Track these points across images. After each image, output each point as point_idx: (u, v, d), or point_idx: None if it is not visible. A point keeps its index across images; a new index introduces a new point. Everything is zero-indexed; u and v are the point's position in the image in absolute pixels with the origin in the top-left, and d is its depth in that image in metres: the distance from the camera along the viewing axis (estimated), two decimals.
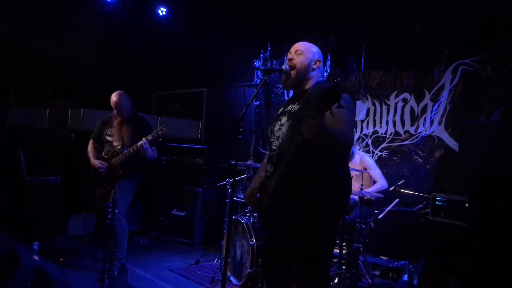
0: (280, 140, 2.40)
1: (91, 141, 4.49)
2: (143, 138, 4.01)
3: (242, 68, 6.29)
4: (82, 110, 6.05)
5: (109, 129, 4.36)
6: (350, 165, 4.41)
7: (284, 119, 2.46)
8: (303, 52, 2.51)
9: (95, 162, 4.29)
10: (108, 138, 4.34)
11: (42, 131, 6.23)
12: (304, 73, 2.46)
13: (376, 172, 4.34)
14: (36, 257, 3.17)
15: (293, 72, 2.46)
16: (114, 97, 4.28)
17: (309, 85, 2.48)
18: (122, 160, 4.14)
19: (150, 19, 6.78)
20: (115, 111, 4.29)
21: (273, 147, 2.45)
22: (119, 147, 4.20)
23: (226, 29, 6.20)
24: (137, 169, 4.31)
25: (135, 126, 4.26)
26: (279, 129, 2.45)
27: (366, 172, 4.21)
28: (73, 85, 6.99)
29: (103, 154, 4.38)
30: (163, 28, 6.78)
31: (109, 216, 3.52)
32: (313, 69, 2.50)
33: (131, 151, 4.08)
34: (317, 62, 2.51)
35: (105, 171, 4.24)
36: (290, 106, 2.48)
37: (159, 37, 6.97)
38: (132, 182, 4.31)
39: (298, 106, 2.40)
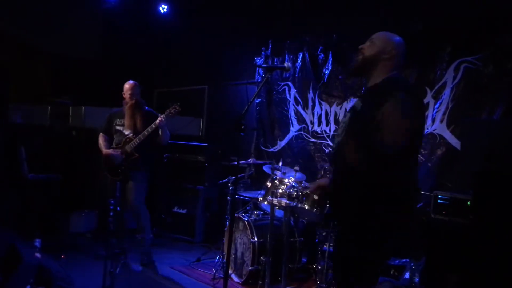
0: (339, 138, 2.29)
1: (100, 134, 4.60)
2: (160, 116, 4.21)
3: (243, 66, 6.28)
4: (83, 107, 6.06)
5: (118, 119, 4.50)
6: None
7: (348, 115, 2.33)
8: (374, 41, 2.34)
9: (108, 151, 4.40)
10: (118, 127, 4.47)
11: (44, 129, 6.24)
12: (370, 63, 2.30)
13: None
14: (37, 254, 3.18)
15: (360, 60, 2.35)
16: (127, 84, 4.49)
17: (379, 78, 2.28)
18: (138, 144, 4.28)
19: (151, 16, 6.77)
20: (127, 97, 4.45)
21: (333, 144, 2.37)
22: (130, 134, 4.33)
23: (227, 26, 6.19)
24: (150, 154, 4.49)
25: (143, 113, 4.44)
26: (342, 125, 2.31)
27: None
28: (74, 82, 6.99)
29: (114, 144, 4.49)
30: (164, 25, 6.77)
31: (111, 213, 3.52)
32: (383, 60, 2.29)
33: (146, 133, 4.23)
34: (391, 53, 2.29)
35: (119, 158, 4.34)
36: (358, 100, 2.35)
37: (160, 34, 6.97)
38: (146, 172, 4.49)
39: (361, 103, 2.27)
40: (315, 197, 3.78)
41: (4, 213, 5.00)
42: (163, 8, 6.68)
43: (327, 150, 5.31)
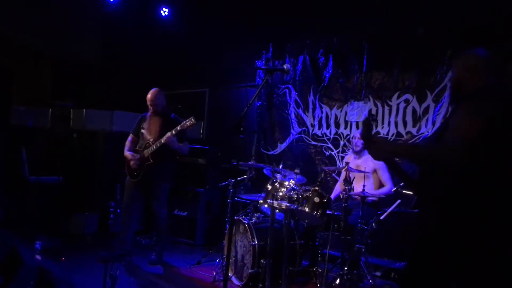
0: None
1: (130, 135, 4.81)
2: (169, 132, 4.37)
3: (244, 69, 6.30)
4: (84, 110, 6.08)
5: (144, 123, 4.70)
6: (360, 162, 4.44)
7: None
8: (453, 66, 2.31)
9: (127, 154, 4.62)
10: (143, 131, 4.67)
11: (45, 131, 6.25)
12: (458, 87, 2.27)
13: (386, 175, 4.35)
14: (38, 257, 3.18)
15: None
16: (149, 94, 4.66)
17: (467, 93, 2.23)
18: (153, 151, 4.47)
19: (152, 19, 6.79)
20: (149, 105, 4.66)
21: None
22: (151, 140, 4.52)
23: (228, 30, 6.21)
24: (167, 161, 4.63)
25: (165, 120, 4.61)
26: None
27: (367, 173, 4.22)
28: (76, 85, 7.01)
29: (137, 147, 4.68)
30: (165, 28, 6.79)
31: (112, 216, 3.53)
32: (467, 79, 2.24)
33: (158, 143, 4.41)
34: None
35: (136, 162, 4.54)
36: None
37: (161, 37, 6.98)
38: (168, 182, 4.72)
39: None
40: (316, 199, 3.79)
41: (5, 215, 5.01)
42: (164, 12, 6.70)
43: (327, 153, 5.32)
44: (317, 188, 3.86)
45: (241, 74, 6.35)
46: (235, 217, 4.35)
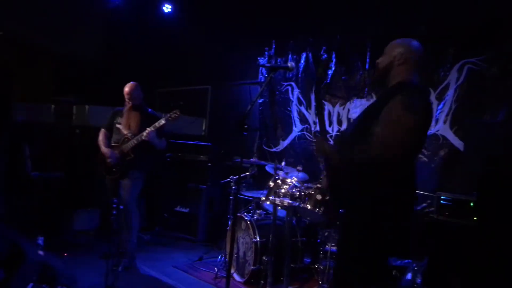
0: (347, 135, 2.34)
1: (102, 130, 4.62)
2: (148, 128, 4.19)
3: (247, 66, 6.29)
4: (87, 106, 6.08)
5: (119, 118, 4.53)
6: None
7: (359, 115, 2.38)
8: (385, 51, 2.41)
9: (106, 150, 4.43)
10: (118, 126, 4.49)
11: (47, 127, 6.26)
12: (385, 73, 2.38)
13: None
14: (41, 252, 3.19)
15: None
16: (127, 87, 4.48)
17: (393, 83, 2.33)
18: (134, 145, 4.30)
19: (154, 16, 6.79)
20: (126, 99, 4.48)
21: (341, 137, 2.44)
22: (129, 134, 4.36)
23: (231, 26, 6.20)
24: (148, 154, 4.47)
25: (144, 115, 4.47)
26: (352, 123, 2.38)
27: None
28: (78, 81, 7.00)
29: (112, 142, 4.51)
30: (168, 25, 6.79)
31: (114, 212, 3.53)
32: (396, 66, 2.34)
33: (140, 138, 4.25)
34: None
35: (115, 158, 4.37)
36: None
37: (163, 34, 6.98)
38: (142, 172, 4.49)
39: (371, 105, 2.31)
40: (318, 197, 3.79)
41: (8, 211, 5.02)
42: (167, 8, 6.69)
43: None
44: (319, 186, 3.86)
45: (243, 71, 6.35)
46: (237, 214, 4.36)
